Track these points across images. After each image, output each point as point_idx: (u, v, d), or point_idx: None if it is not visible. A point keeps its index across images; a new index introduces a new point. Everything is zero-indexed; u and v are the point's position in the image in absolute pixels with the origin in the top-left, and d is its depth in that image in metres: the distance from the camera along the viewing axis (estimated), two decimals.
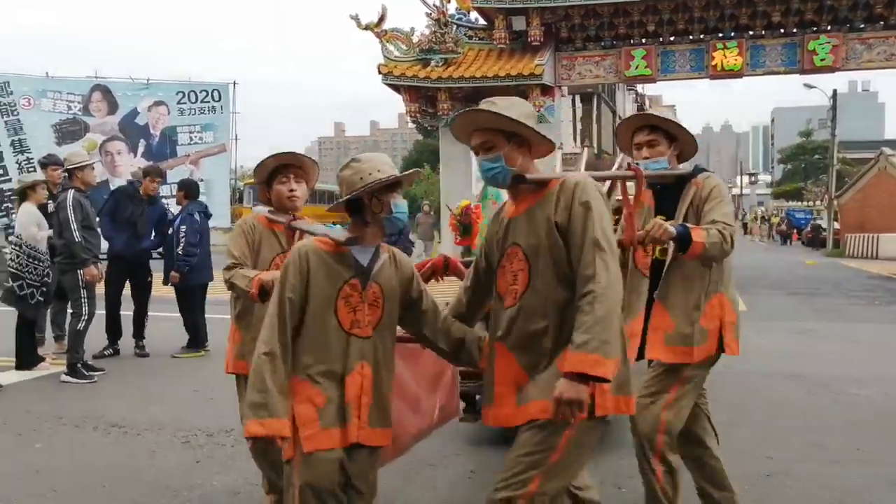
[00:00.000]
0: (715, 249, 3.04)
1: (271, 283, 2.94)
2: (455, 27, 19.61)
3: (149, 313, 8.27)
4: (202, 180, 26.15)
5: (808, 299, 13.88)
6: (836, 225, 34.83)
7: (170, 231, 8.06)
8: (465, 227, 5.77)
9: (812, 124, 69.59)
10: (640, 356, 3.26)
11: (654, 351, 3.22)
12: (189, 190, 8.31)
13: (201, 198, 9.23)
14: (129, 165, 30.34)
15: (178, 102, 30.68)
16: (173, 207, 9.06)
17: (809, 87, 34.05)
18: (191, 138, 30.93)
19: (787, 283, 16.62)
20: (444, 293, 3.74)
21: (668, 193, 3.34)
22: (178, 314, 8.26)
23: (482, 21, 19.95)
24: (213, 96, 31.14)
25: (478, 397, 4.37)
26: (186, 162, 30.25)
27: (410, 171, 3.01)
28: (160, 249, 8.30)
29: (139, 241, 8.05)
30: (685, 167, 3.44)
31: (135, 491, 4.19)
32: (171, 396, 6.37)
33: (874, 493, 4.07)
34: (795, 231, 44.17)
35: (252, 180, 45.73)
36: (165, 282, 8.10)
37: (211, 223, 8.59)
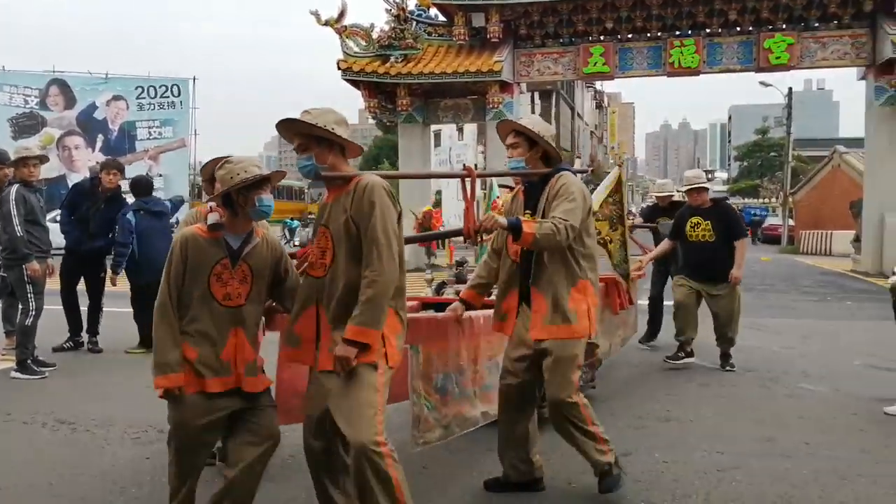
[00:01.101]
0: (546, 240, 3.57)
1: None
2: (414, 23, 19.55)
3: (104, 308, 8.08)
4: (160, 175, 25.74)
5: (763, 295, 14.07)
6: (791, 222, 35.50)
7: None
8: (425, 230, 5.96)
9: (768, 122, 70.95)
10: (515, 333, 3.91)
11: (535, 332, 3.78)
12: (134, 187, 8.07)
13: (160, 193, 9.01)
14: (87, 160, 29.75)
15: (138, 97, 30.22)
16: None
17: (765, 85, 34.62)
18: (150, 133, 30.48)
19: (742, 280, 16.73)
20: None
21: (534, 191, 3.93)
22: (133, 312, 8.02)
23: (442, 17, 19.94)
24: (172, 91, 30.74)
25: None
26: (145, 157, 29.76)
27: (274, 171, 3.54)
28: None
29: (91, 238, 7.85)
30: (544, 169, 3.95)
31: (82, 488, 4.11)
32: (123, 392, 6.22)
33: (823, 486, 4.10)
34: (750, 228, 44.87)
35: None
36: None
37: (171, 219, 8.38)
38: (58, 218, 8.51)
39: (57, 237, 7.59)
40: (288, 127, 3.27)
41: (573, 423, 3.75)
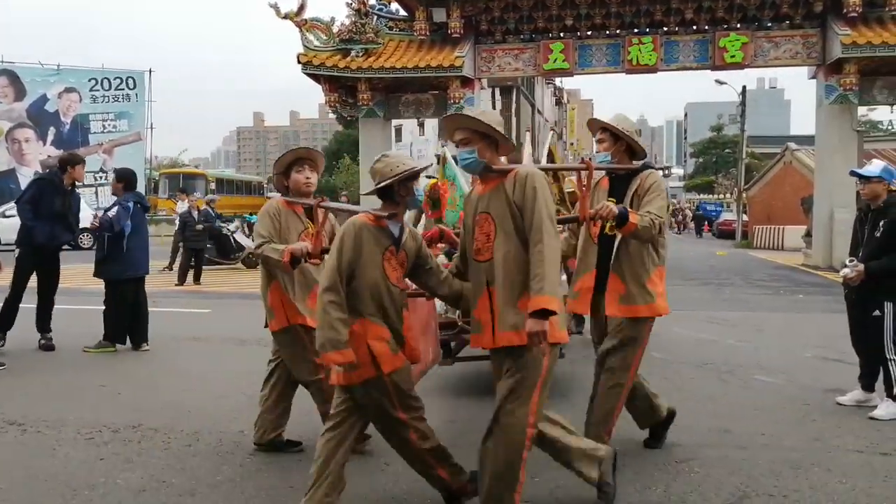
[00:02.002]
0: (645, 232, 4.06)
1: (300, 252, 4.04)
2: (375, 18, 19.49)
3: (55, 305, 7.96)
4: (115, 169, 25.24)
5: (719, 289, 14.34)
6: (745, 217, 36.14)
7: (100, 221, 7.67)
8: (434, 201, 6.20)
9: (723, 119, 71.88)
10: (595, 310, 4.47)
11: (610, 308, 4.29)
12: (128, 181, 7.90)
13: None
14: (37, 153, 29.12)
15: (91, 90, 29.63)
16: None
17: (720, 83, 35.18)
18: (104, 126, 29.94)
19: (698, 274, 17.08)
20: None
21: (619, 182, 4.42)
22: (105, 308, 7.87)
23: (403, 12, 19.90)
24: (127, 84, 30.23)
25: (452, 344, 5.53)
26: (99, 150, 29.26)
27: (427, 164, 3.97)
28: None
29: (66, 232, 7.73)
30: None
31: (32, 490, 4.02)
32: (75, 392, 6.12)
33: (778, 476, 4.20)
34: (707, 223, 45.63)
35: (168, 170, 44.56)
36: (96, 274, 7.80)
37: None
38: (7, 213, 8.37)
39: (9, 233, 7.44)
40: (456, 121, 3.61)
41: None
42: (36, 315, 7.84)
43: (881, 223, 5.39)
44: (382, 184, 3.54)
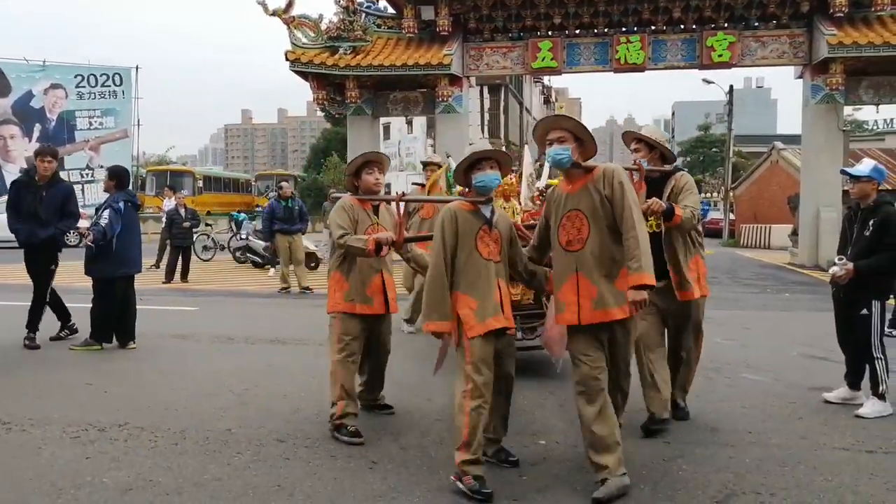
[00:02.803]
0: (688, 223, 4.82)
1: (385, 240, 4.66)
2: (364, 15, 19.45)
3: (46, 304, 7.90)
4: (102, 167, 25.07)
5: None
6: (732, 216, 36.32)
7: (91, 220, 7.65)
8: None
9: (710, 118, 72.23)
10: None
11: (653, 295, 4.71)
12: (120, 178, 7.84)
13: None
14: (23, 150, 28.84)
15: (77, 86, 29.29)
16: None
17: (708, 82, 35.35)
18: (90, 123, 29.60)
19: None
20: None
21: (655, 183, 5.04)
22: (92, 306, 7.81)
23: (391, 10, 19.86)
24: (114, 80, 29.88)
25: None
26: (86, 147, 28.95)
27: (495, 149, 4.35)
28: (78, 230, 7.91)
29: (43, 228, 7.66)
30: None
31: (16, 490, 3.97)
32: (61, 390, 6.07)
33: (765, 473, 4.22)
34: None
35: (155, 168, 44.38)
36: (88, 272, 7.74)
37: None
38: None
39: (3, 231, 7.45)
40: (557, 121, 4.13)
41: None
42: (28, 312, 7.85)
43: (871, 222, 5.42)
44: (462, 168, 4.23)
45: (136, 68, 30.35)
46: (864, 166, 5.58)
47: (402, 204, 4.87)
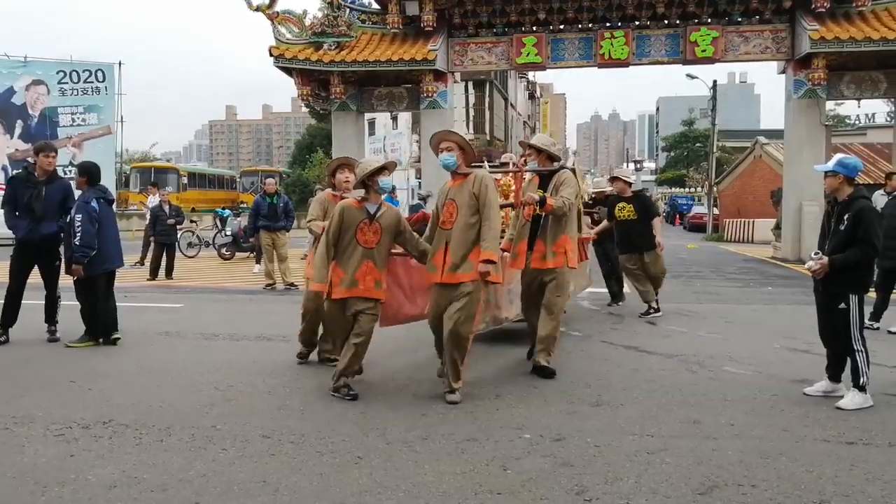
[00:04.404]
0: (559, 210, 6.28)
1: (321, 229, 6.05)
2: (348, 10, 19.39)
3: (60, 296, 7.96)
4: (77, 164, 24.84)
5: (689, 282, 14.47)
6: (716, 210, 36.52)
7: (68, 218, 7.58)
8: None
9: (694, 114, 72.50)
10: (525, 266, 6.55)
11: (535, 263, 6.47)
12: (91, 175, 7.68)
13: None
14: (5, 147, 28.56)
15: (59, 82, 29.02)
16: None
17: (692, 77, 35.49)
18: (73, 120, 29.32)
19: (669, 267, 17.10)
20: None
21: (545, 179, 6.63)
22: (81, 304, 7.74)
23: (375, 5, 19.82)
24: (96, 76, 29.62)
25: None
26: (69, 144, 28.69)
27: (387, 161, 5.79)
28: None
29: (40, 224, 7.61)
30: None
31: (0, 488, 3.94)
32: (44, 388, 6.03)
33: (748, 466, 4.26)
34: (678, 216, 46.09)
35: (139, 164, 44.22)
36: (67, 271, 7.66)
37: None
38: None
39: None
40: (448, 135, 5.80)
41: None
42: (44, 308, 7.96)
43: (845, 216, 5.48)
44: (357, 181, 5.72)
45: (119, 64, 30.13)
46: (830, 162, 5.69)
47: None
